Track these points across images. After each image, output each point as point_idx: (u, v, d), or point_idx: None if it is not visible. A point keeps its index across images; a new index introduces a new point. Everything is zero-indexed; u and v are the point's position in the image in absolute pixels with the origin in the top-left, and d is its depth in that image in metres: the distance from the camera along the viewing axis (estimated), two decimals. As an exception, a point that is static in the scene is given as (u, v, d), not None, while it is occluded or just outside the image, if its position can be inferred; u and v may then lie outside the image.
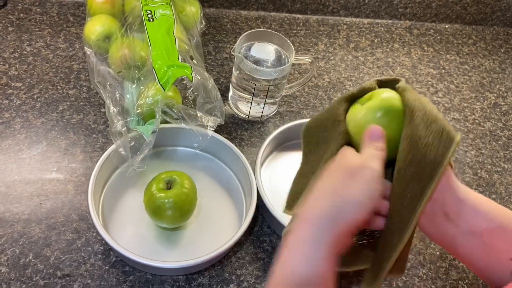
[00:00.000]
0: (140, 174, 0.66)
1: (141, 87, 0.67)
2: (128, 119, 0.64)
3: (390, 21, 1.02)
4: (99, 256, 0.58)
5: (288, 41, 0.71)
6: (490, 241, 0.42)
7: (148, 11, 0.71)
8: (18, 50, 0.79)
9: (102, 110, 0.74)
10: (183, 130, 0.68)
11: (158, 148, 0.69)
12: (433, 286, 0.62)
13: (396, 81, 0.49)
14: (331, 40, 0.94)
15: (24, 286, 0.55)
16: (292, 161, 0.66)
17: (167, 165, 0.68)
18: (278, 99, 0.76)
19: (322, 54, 0.91)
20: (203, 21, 0.82)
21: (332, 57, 0.91)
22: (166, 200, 0.57)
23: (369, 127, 0.45)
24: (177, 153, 0.70)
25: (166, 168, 0.62)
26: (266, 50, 0.73)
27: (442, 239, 0.46)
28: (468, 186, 0.73)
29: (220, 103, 0.66)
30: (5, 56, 0.77)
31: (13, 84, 0.74)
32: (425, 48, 0.98)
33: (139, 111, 0.63)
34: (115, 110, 0.64)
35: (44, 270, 0.56)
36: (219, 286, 0.58)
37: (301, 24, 0.96)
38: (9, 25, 0.83)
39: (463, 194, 0.43)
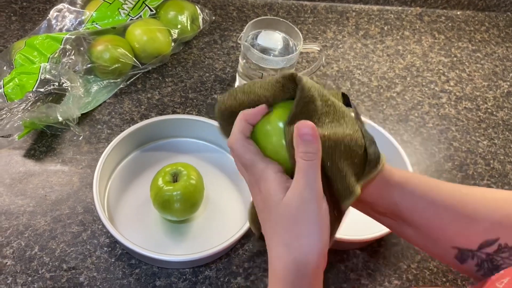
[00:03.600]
0: (146, 166, 0.65)
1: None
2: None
3: (400, 8, 1.00)
4: (105, 248, 0.58)
5: (296, 28, 0.70)
6: (429, 232, 0.41)
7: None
8: (22, 40, 0.78)
9: (107, 101, 0.73)
10: (187, 120, 0.67)
11: (162, 139, 0.68)
12: (444, 279, 0.61)
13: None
14: (339, 28, 0.92)
15: (30, 279, 0.54)
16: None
17: (172, 157, 0.67)
18: (285, 88, 0.74)
19: (330, 42, 0.89)
20: (201, 24, 0.82)
21: (340, 45, 0.89)
22: (174, 193, 0.56)
23: (299, 125, 0.37)
24: (182, 145, 0.68)
25: (171, 160, 0.61)
26: (273, 38, 0.71)
27: (381, 223, 0.46)
28: (480, 177, 0.72)
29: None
30: (8, 46, 0.76)
31: (17, 74, 0.73)
32: (436, 35, 0.96)
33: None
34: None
35: (50, 263, 0.56)
36: (226, 279, 0.57)
37: (309, 11, 0.94)
38: (12, 14, 0.82)
39: (397, 194, 0.41)
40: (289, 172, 0.38)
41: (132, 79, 0.76)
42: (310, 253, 0.36)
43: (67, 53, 0.70)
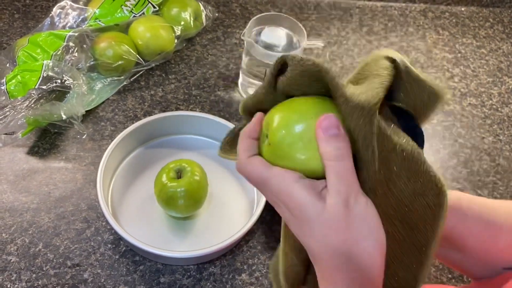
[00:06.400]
0: (149, 163, 0.65)
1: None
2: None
3: (404, 4, 0.99)
4: (109, 245, 0.57)
5: (300, 24, 0.69)
6: (480, 255, 0.39)
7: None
8: (25, 37, 0.78)
9: (110, 98, 0.72)
10: (191, 117, 0.67)
11: (165, 136, 0.68)
12: (449, 275, 0.61)
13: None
14: (343, 24, 0.92)
15: (34, 275, 0.54)
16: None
17: (176, 154, 0.66)
18: (289, 85, 0.74)
19: (334, 38, 0.89)
20: (204, 21, 0.82)
21: (344, 42, 0.89)
22: (178, 190, 0.56)
23: (320, 119, 0.31)
24: (186, 141, 0.68)
25: (174, 157, 0.61)
26: (277, 35, 0.71)
27: None
28: (486, 174, 0.72)
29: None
30: (12, 44, 0.76)
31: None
32: (440, 31, 0.95)
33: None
34: None
35: (54, 260, 0.56)
36: (230, 276, 0.57)
37: (312, 8, 0.94)
38: (15, 12, 0.82)
39: (454, 219, 0.38)
40: (310, 174, 0.33)
41: (135, 76, 0.75)
42: (372, 256, 0.31)
43: (70, 50, 0.70)
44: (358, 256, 0.31)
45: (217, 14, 0.87)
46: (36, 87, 0.64)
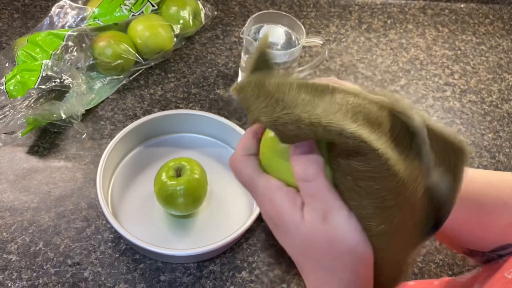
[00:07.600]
0: (149, 161, 0.65)
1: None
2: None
3: (403, 1, 0.99)
4: (109, 244, 0.58)
5: (299, 22, 0.69)
6: (444, 234, 0.38)
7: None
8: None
9: (110, 97, 0.73)
10: (190, 115, 0.67)
11: (165, 135, 0.68)
12: (450, 272, 0.61)
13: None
14: (342, 22, 0.92)
15: (34, 274, 0.54)
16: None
17: (175, 152, 0.67)
18: (288, 83, 0.74)
19: (333, 36, 0.89)
20: (203, 19, 0.82)
21: (344, 39, 0.89)
22: (178, 188, 0.56)
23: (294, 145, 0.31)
24: (185, 140, 0.68)
25: (174, 155, 0.61)
26: (276, 33, 0.71)
27: None
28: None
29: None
30: (11, 44, 0.76)
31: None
32: (440, 28, 0.95)
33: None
34: None
35: (55, 258, 0.56)
36: (230, 274, 0.57)
37: (311, 6, 0.94)
38: (14, 11, 0.82)
39: None
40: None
41: (134, 75, 0.75)
42: (356, 268, 0.31)
43: (69, 50, 0.70)
44: (340, 271, 0.31)
45: (216, 13, 0.87)
46: (35, 86, 0.65)
